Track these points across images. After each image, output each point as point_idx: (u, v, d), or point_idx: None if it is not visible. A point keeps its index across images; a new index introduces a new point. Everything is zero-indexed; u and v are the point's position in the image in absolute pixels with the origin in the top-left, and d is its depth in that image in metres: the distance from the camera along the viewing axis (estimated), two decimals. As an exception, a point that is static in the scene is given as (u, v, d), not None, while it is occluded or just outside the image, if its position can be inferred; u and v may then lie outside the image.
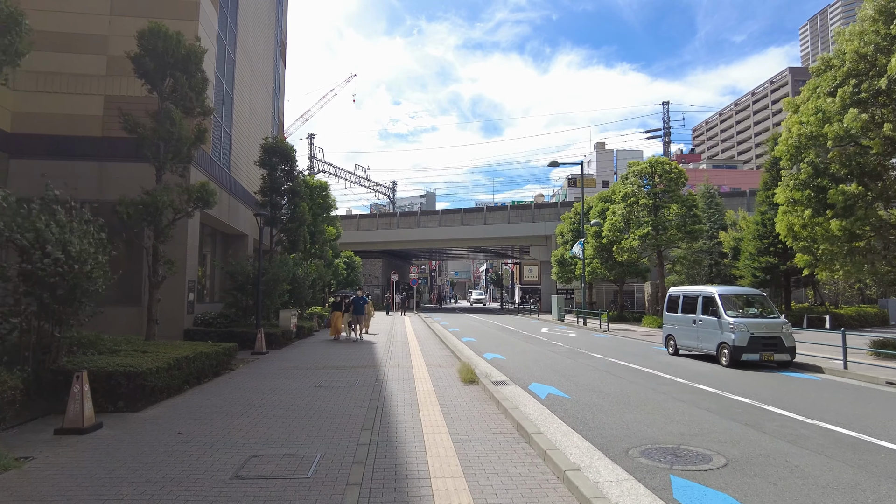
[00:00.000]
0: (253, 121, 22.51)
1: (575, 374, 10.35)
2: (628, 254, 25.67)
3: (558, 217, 41.20)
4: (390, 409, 7.16)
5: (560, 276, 34.14)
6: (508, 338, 18.74)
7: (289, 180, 19.99)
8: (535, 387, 8.99)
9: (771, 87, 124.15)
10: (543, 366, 11.59)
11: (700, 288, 13.06)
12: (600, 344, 16.65)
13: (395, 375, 9.96)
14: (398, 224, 47.03)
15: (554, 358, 12.97)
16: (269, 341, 14.71)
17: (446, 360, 12.27)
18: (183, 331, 14.66)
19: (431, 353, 13.65)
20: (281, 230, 19.76)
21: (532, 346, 15.69)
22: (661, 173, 25.24)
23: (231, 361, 10.79)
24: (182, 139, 11.15)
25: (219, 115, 18.05)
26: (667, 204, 24.67)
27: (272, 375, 9.98)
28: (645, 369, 11.10)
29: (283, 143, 19.62)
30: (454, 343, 16.32)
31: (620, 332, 21.28)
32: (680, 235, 24.13)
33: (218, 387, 8.76)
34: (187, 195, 11.10)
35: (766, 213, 24.91)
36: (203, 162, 16.14)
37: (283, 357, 12.86)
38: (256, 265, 16.37)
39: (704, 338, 12.16)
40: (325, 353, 13.74)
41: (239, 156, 20.68)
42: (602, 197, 30.71)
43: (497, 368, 11.16)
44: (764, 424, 6.41)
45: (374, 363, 11.70)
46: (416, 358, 12.53)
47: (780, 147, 13.90)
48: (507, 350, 14.73)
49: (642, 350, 14.94)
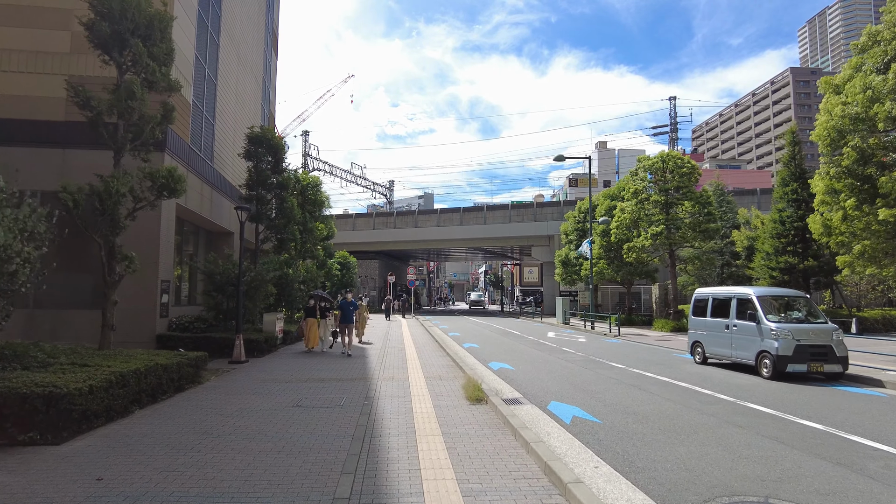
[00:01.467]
0: (240, 111, 21.07)
1: (598, 390, 8.90)
2: (638, 253, 24.27)
3: (561, 216, 39.82)
4: (380, 439, 5.71)
5: (564, 277, 32.72)
6: (514, 344, 17.29)
7: (276, 173, 18.53)
8: (555, 407, 7.54)
9: (772, 87, 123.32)
10: (559, 378, 10.15)
11: (733, 289, 11.64)
12: (615, 350, 15.22)
13: (388, 391, 8.51)
14: (395, 224, 45.55)
15: (569, 368, 11.52)
16: (250, 348, 13.25)
17: (447, 370, 10.81)
18: (155, 336, 13.19)
19: (431, 362, 12.19)
20: (267, 227, 18.29)
21: (542, 354, 14.25)
22: (672, 168, 23.86)
23: (199, 373, 9.32)
24: (145, 117, 9.70)
25: (199, 101, 16.61)
26: (680, 201, 23.28)
27: (245, 391, 8.51)
28: (677, 382, 9.66)
29: (270, 133, 18.18)
30: (455, 350, 14.87)
31: (632, 337, 19.85)
32: (694, 235, 22.74)
33: (175, 407, 7.29)
34: (150, 182, 9.62)
35: (783, 210, 23.55)
36: (179, 150, 14.69)
37: (263, 367, 11.38)
38: (238, 264, 14.94)
39: (740, 345, 10.73)
40: (311, 363, 12.26)
41: (224, 148, 19.23)
42: (608, 194, 29.31)
43: (506, 382, 9.70)
44: (864, 464, 4.97)
45: (365, 375, 10.23)
46: (413, 368, 11.07)
47: (817, 131, 12.50)
48: (515, 358, 13.28)
49: (664, 358, 13.51)
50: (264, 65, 27.06)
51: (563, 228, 33.64)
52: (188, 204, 15.58)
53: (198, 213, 16.63)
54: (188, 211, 16.12)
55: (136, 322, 13.04)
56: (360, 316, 16.49)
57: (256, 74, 25.03)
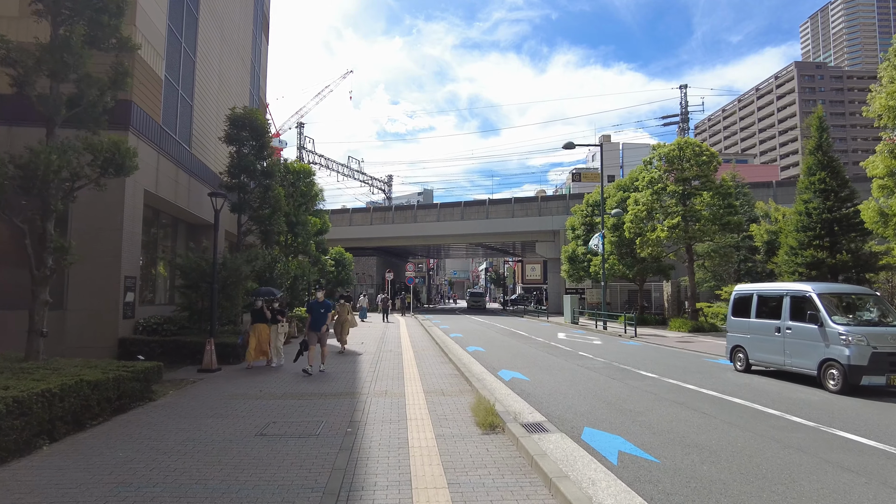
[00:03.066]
0: (224, 95, 19.37)
1: (638, 409, 7.26)
2: (653, 248, 22.64)
3: (567, 210, 38.15)
4: (363, 493, 4.06)
5: (571, 274, 31.05)
6: (523, 347, 15.65)
7: (261, 159, 16.85)
8: (591, 436, 5.90)
9: (776, 82, 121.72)
10: (586, 392, 8.50)
11: (785, 285, 9.99)
12: (637, 355, 13.58)
13: (379, 412, 6.86)
14: (393, 219, 43.84)
15: (593, 379, 9.88)
16: (225, 354, 11.60)
17: (451, 382, 9.16)
18: (117, 341, 11.55)
19: (431, 371, 10.54)
20: (251, 218, 16.62)
21: (557, 360, 12.60)
22: (690, 157, 22.20)
23: (150, 389, 7.67)
24: (88, 79, 8.03)
25: (173, 77, 14.93)
26: (698, 191, 21.62)
27: (202, 412, 6.87)
28: (728, 398, 8.01)
29: (254, 115, 16.48)
30: (458, 355, 13.22)
31: (650, 338, 18.22)
32: (714, 228, 21.09)
33: (100, 438, 5.64)
34: (91, 155, 7.94)
35: (809, 201, 21.83)
36: (148, 130, 13.02)
37: (236, 377, 9.73)
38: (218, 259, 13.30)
39: (796, 352, 9.08)
40: (292, 373, 10.61)
41: (205, 133, 17.55)
42: (620, 185, 27.65)
43: (523, 398, 8.05)
44: None
45: (352, 389, 8.58)
46: (411, 379, 9.41)
47: (877, 105, 10.84)
48: (528, 365, 11.63)
49: (697, 364, 11.87)
50: (253, 49, 25.35)
51: (570, 223, 31.98)
52: (160, 191, 13.93)
53: (173, 203, 14.98)
54: (162, 200, 14.47)
55: (94, 325, 11.41)
56: (341, 319, 13.87)
57: (244, 58, 23.34)
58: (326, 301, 11.18)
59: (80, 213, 11.62)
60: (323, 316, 10.82)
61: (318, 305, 10.92)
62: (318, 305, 10.92)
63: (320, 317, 10.73)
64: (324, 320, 10.81)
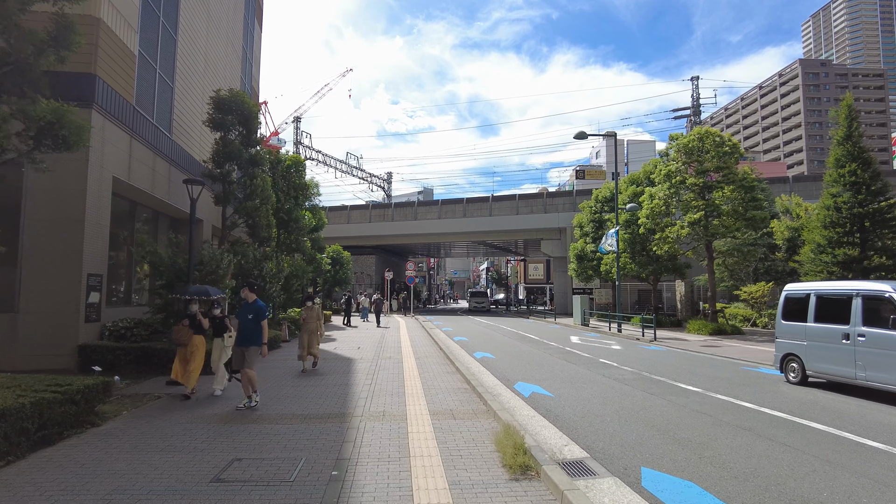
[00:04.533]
0: (211, 79, 17.91)
1: (699, 438, 5.80)
2: (671, 245, 21.19)
3: (573, 207, 36.70)
4: None
5: (579, 273, 29.57)
6: (536, 353, 14.20)
7: (248, 146, 15.41)
8: (655, 482, 4.45)
9: (780, 80, 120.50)
10: (624, 413, 7.05)
11: (853, 285, 8.54)
12: (665, 362, 12.14)
13: (375, 445, 5.41)
14: (393, 216, 42.35)
15: (629, 394, 8.43)
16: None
17: (461, 399, 7.71)
18: (76, 347, 10.10)
19: (437, 383, 9.09)
20: (236, 210, 15.18)
21: (578, 369, 11.16)
22: (710, 148, 20.75)
23: (93, 411, 6.22)
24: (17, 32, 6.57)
25: (150, 54, 13.47)
26: (720, 184, 20.17)
27: (150, 444, 5.42)
28: (805, 422, 6.56)
29: (241, 98, 15.03)
30: (465, 363, 11.78)
31: (671, 343, 16.77)
32: (739, 224, 19.64)
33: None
34: (23, 124, 6.48)
35: (838, 195, 20.41)
36: (117, 110, 11.56)
37: (207, 392, 8.28)
38: (199, 254, 11.87)
39: (875, 364, 7.63)
40: (274, 387, 9.17)
41: (188, 119, 16.10)
42: (632, 179, 26.18)
43: (552, 422, 6.60)
44: None
45: (343, 408, 7.12)
46: (413, 395, 7.96)
47: None
48: (547, 377, 10.19)
49: (738, 374, 10.42)
50: (245, 35, 23.93)
51: (578, 220, 30.52)
52: (134, 180, 12.49)
53: (149, 193, 13.55)
54: (136, 190, 13.03)
55: (51, 330, 9.97)
56: (310, 326, 10.54)
57: (234, 43, 21.89)
58: (258, 303, 7.42)
59: (34, 201, 10.18)
60: (252, 326, 7.21)
61: (246, 310, 7.34)
62: (246, 310, 7.34)
63: (247, 327, 7.23)
64: (253, 334, 7.20)
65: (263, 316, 7.39)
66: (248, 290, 7.64)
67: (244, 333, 7.31)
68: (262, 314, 7.38)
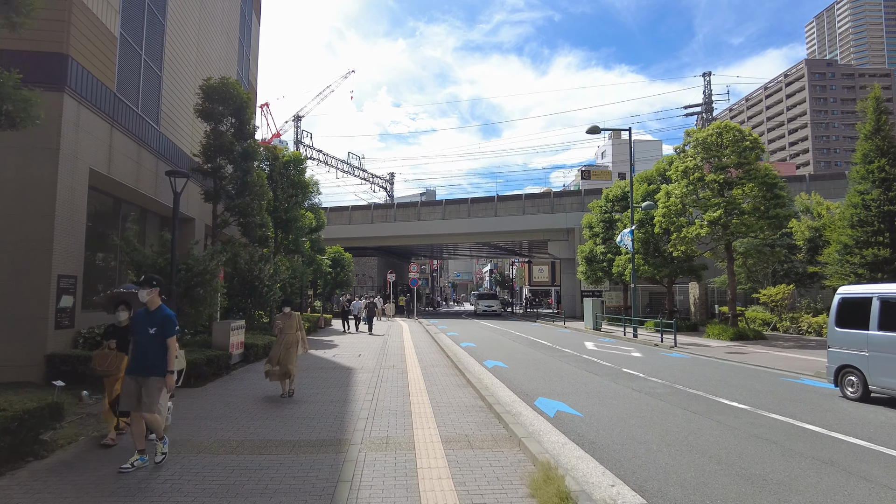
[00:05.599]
0: (203, 70, 16.90)
1: (774, 476, 4.73)
2: (688, 245, 20.12)
3: (582, 207, 35.63)
4: None
5: (588, 275, 28.50)
6: (551, 361, 13.13)
7: (241, 139, 14.40)
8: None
9: (785, 80, 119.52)
10: (669, 438, 5.98)
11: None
12: (695, 372, 11.06)
13: (375, 488, 4.34)
14: (395, 217, 41.31)
15: (668, 413, 7.36)
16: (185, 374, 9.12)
17: (477, 420, 6.65)
18: (44, 357, 9.06)
19: (447, 399, 8.03)
20: (227, 207, 14.16)
21: (602, 381, 10.08)
22: (729, 143, 19.70)
23: (38, 439, 5.17)
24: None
25: (134, 39, 12.47)
26: (741, 181, 19.10)
27: (96, 487, 4.37)
28: (890, 451, 5.50)
29: (233, 86, 14.02)
30: (476, 374, 10.71)
31: (694, 349, 15.68)
32: (761, 223, 18.55)
33: None
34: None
35: (866, 192, 19.31)
36: (95, 95, 10.55)
37: (185, 410, 7.24)
38: (187, 254, 10.86)
39: (957, 379, 6.54)
40: (258, 405, 8.12)
41: (178, 111, 15.10)
42: (645, 177, 25.09)
43: (588, 451, 5.53)
44: None
45: (339, 433, 6.06)
46: (421, 417, 6.89)
47: None
48: (570, 390, 9.12)
49: (782, 387, 9.33)
50: (242, 27, 22.97)
51: (587, 220, 29.45)
52: (115, 173, 11.47)
53: (133, 189, 12.54)
54: (119, 185, 12.02)
55: (14, 337, 8.92)
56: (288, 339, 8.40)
57: (230, 33, 20.92)
58: (164, 311, 5.09)
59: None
60: (153, 346, 4.92)
61: (144, 320, 5.00)
62: (144, 320, 5.00)
63: (147, 346, 4.92)
64: (157, 357, 4.92)
65: (172, 330, 4.98)
66: (147, 288, 4.99)
67: (141, 356, 4.88)
68: (171, 327, 4.99)
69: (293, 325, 8.59)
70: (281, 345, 8.36)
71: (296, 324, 8.64)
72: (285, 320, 8.65)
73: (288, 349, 8.33)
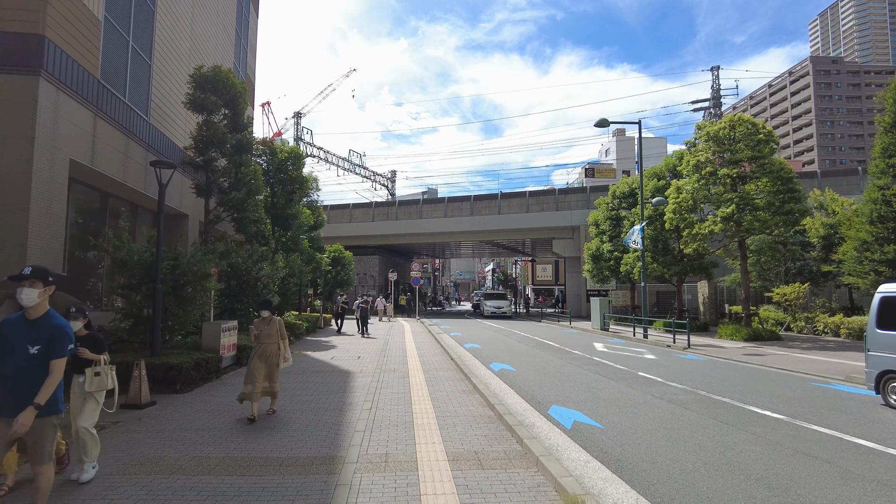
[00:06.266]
0: (197, 60, 16.23)
1: None
2: (700, 243, 19.41)
3: (588, 204, 34.94)
4: None
5: (594, 274, 27.79)
6: (562, 364, 12.45)
7: (235, 131, 13.75)
8: None
9: (790, 77, 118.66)
10: (706, 455, 5.30)
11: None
12: (716, 377, 10.37)
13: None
14: (397, 215, 40.63)
15: (699, 425, 6.68)
16: (167, 379, 8.49)
17: (486, 433, 5.98)
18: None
19: (453, 408, 7.36)
20: (220, 202, 13.51)
21: (619, 386, 9.40)
22: (742, 137, 18.98)
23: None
24: None
25: (120, 23, 11.83)
26: (756, 176, 18.38)
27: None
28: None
29: (226, 76, 13.37)
30: (483, 378, 10.04)
31: (709, 351, 14.98)
32: (776, 219, 17.82)
33: None
34: None
35: (887, 187, 18.56)
36: (76, 81, 9.91)
37: (164, 419, 6.59)
38: (173, 251, 10.20)
39: None
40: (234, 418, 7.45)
41: (170, 102, 14.46)
42: (654, 173, 24.36)
43: (612, 469, 4.85)
44: None
45: (333, 448, 5.39)
46: (424, 429, 6.22)
47: None
48: (585, 396, 8.45)
49: (814, 394, 8.64)
50: (238, 18, 22.34)
51: (593, 217, 28.74)
52: (100, 165, 10.83)
53: (121, 182, 11.90)
54: (106, 178, 11.40)
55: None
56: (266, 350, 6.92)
57: (227, 25, 20.30)
58: (53, 318, 3.43)
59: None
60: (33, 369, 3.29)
61: (22, 332, 3.34)
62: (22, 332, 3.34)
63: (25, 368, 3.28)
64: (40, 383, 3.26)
65: (62, 349, 3.37)
66: (27, 284, 3.34)
67: (18, 382, 3.27)
68: (61, 345, 3.37)
69: (273, 334, 6.96)
70: (260, 358, 6.78)
71: (276, 332, 7.00)
72: (263, 327, 6.97)
73: (269, 364, 6.83)
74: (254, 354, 6.87)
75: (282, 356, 7.03)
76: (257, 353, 6.86)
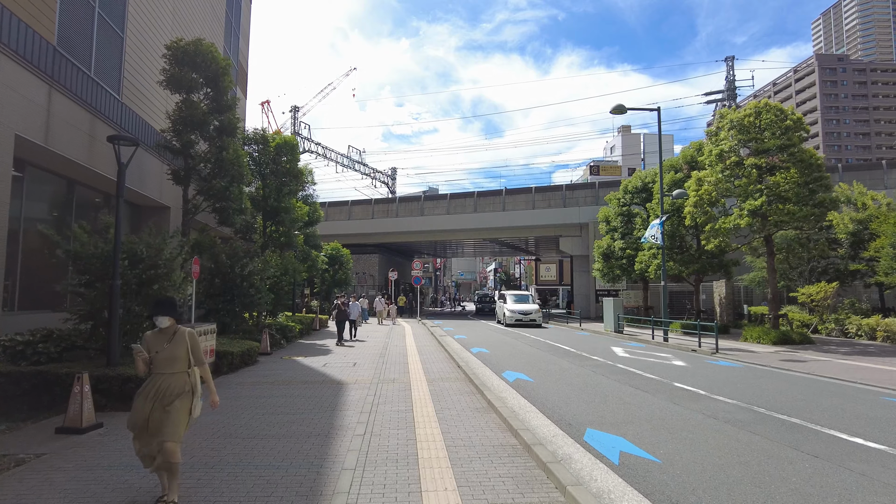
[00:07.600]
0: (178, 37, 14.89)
1: None
2: (723, 238, 18.03)
3: (597, 201, 33.56)
4: None
5: (605, 273, 26.40)
6: (585, 373, 11.06)
7: (217, 112, 12.38)
8: None
9: (795, 75, 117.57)
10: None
11: None
12: (764, 387, 8.98)
13: None
14: (398, 212, 39.23)
15: (778, 458, 5.30)
16: (124, 394, 7.10)
17: (514, 473, 4.60)
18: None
19: (465, 433, 5.98)
20: (200, 190, 12.13)
21: (661, 402, 8.01)
22: (767, 125, 17.59)
23: None
24: None
25: (86, -12, 10.45)
26: (785, 165, 16.98)
27: None
28: None
29: (207, 49, 11.98)
30: (498, 392, 8.65)
31: (740, 356, 13.59)
32: (806, 211, 16.43)
33: None
34: None
35: (926, 178, 17.21)
36: (26, 47, 8.53)
37: (103, 451, 5.22)
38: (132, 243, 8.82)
39: None
40: (219, 437, 6.08)
41: (146, 81, 13.12)
42: (672, 165, 22.95)
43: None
44: None
45: (312, 498, 4.01)
46: (432, 465, 4.83)
47: None
48: (624, 417, 7.06)
49: (892, 411, 7.26)
50: (229, 1, 21.06)
51: (604, 214, 27.34)
52: (55, 145, 9.45)
53: (86, 167, 10.53)
54: (66, 161, 10.03)
55: None
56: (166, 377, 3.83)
57: (215, 5, 18.97)
58: None
59: None
60: None
61: None
62: None
63: None
64: None
65: None
66: None
67: None
68: None
69: (179, 357, 3.90)
70: (146, 397, 3.79)
71: (185, 354, 3.93)
72: (159, 344, 3.90)
73: (164, 405, 3.76)
74: (143, 390, 3.85)
75: (192, 400, 3.92)
76: (145, 389, 3.84)
